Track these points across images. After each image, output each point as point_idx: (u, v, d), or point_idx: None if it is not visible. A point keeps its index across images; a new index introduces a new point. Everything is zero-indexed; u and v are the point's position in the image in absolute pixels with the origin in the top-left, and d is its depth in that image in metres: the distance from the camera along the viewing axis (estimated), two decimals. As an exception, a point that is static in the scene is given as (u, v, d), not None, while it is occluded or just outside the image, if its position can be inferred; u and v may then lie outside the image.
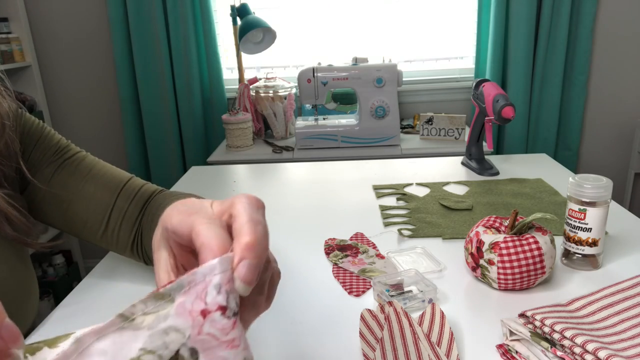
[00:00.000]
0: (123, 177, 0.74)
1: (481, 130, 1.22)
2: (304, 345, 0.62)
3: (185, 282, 0.28)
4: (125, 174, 0.75)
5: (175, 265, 0.36)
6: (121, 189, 0.72)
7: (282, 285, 0.74)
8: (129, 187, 0.73)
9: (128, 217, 0.71)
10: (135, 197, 0.72)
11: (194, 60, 2.21)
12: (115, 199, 0.71)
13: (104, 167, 0.73)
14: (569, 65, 2.17)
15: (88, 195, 0.70)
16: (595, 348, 0.48)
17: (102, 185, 0.71)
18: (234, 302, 0.29)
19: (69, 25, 2.31)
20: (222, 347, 0.28)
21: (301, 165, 1.36)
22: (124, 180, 0.73)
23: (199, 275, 0.28)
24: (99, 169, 0.72)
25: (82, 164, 0.71)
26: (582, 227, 0.73)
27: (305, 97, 1.84)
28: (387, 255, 0.83)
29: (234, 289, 0.29)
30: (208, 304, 0.28)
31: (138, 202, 0.72)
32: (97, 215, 0.70)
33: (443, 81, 2.34)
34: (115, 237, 0.71)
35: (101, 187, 0.71)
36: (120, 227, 0.71)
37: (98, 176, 0.71)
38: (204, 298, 0.28)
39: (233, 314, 0.28)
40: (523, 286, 0.69)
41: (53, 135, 0.72)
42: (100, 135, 2.46)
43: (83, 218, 0.70)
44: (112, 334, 0.27)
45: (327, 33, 2.32)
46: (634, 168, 2.22)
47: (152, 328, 0.27)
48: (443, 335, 0.59)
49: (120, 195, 0.71)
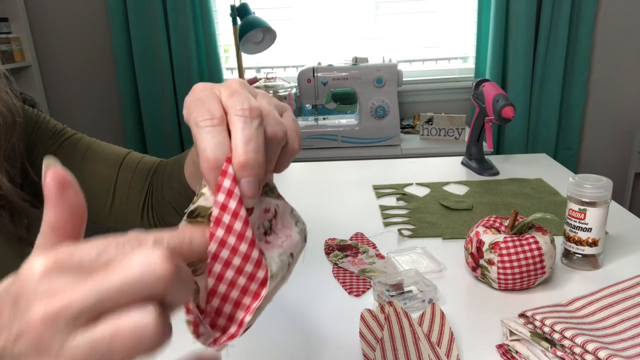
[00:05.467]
0: (121, 151, 0.74)
1: (481, 130, 1.22)
2: (304, 345, 0.62)
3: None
4: (123, 149, 0.75)
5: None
6: (122, 162, 0.72)
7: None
8: (129, 160, 0.72)
9: (134, 187, 0.71)
10: (138, 168, 0.72)
11: (194, 60, 2.21)
12: (117, 172, 0.71)
13: (100, 144, 0.73)
14: (569, 65, 2.16)
15: (89, 172, 0.70)
16: (595, 348, 0.48)
17: (102, 160, 0.71)
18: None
19: (69, 25, 2.31)
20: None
21: (301, 165, 1.36)
22: (123, 154, 0.73)
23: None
24: (96, 146, 0.72)
25: (79, 144, 0.71)
26: (582, 227, 0.73)
27: (305, 97, 1.84)
28: (387, 255, 0.82)
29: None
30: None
31: (141, 172, 0.72)
32: (102, 191, 0.70)
33: (443, 81, 2.34)
34: (123, 210, 0.71)
35: (101, 162, 0.71)
36: (127, 199, 0.71)
37: (96, 153, 0.71)
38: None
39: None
40: (523, 286, 0.69)
41: (48, 121, 0.72)
42: (100, 135, 2.44)
43: (88, 197, 0.69)
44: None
45: (327, 33, 2.32)
46: (634, 168, 2.22)
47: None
48: (443, 335, 0.59)
49: (121, 168, 0.71)
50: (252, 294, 0.30)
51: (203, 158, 0.30)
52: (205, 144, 0.30)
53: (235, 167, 0.30)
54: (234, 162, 0.30)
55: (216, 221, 0.29)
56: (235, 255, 0.29)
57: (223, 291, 0.30)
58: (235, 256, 0.29)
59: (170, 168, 0.68)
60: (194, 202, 0.31)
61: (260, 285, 0.30)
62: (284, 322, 0.66)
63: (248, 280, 0.29)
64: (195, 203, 0.30)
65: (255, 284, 0.30)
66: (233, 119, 0.31)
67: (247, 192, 0.30)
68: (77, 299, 0.22)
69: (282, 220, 0.35)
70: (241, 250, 0.29)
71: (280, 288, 0.34)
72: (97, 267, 0.24)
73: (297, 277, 0.77)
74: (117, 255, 0.24)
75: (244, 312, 0.30)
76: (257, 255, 0.29)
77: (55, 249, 0.24)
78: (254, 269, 0.29)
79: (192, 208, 0.30)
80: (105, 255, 0.24)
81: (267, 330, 0.65)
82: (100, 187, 0.70)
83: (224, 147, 0.30)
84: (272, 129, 0.32)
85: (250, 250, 0.29)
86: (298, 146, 0.35)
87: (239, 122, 0.31)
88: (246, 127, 0.30)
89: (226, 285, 0.29)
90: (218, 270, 0.29)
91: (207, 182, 0.31)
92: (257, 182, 0.30)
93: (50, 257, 0.24)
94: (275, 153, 0.33)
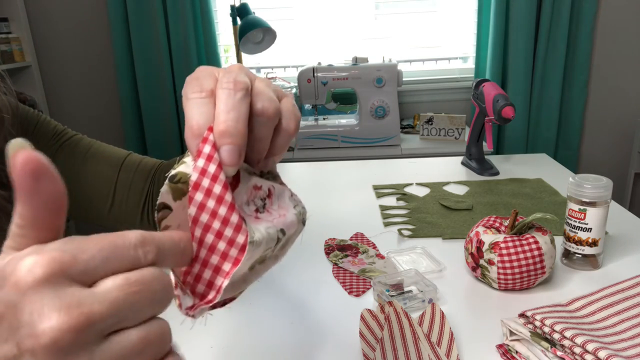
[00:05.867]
0: (122, 152, 0.74)
1: (481, 130, 1.22)
2: (304, 345, 0.62)
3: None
4: (123, 150, 0.75)
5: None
6: (122, 163, 0.72)
7: (282, 285, 0.75)
8: (129, 161, 0.73)
9: (134, 188, 0.71)
10: (138, 169, 0.73)
11: (194, 60, 2.20)
12: (118, 172, 0.71)
13: (101, 145, 0.74)
14: (569, 65, 2.16)
15: (90, 173, 0.70)
16: (595, 348, 0.48)
17: (102, 161, 0.71)
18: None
19: (69, 25, 2.31)
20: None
21: (301, 165, 1.36)
22: (124, 155, 0.74)
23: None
24: (97, 147, 0.73)
25: (79, 145, 0.72)
26: (582, 227, 0.73)
27: (305, 97, 1.84)
28: (387, 255, 0.83)
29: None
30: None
31: (142, 173, 0.72)
32: (102, 192, 0.70)
33: (443, 81, 2.34)
34: (123, 210, 0.71)
35: (102, 163, 0.71)
36: (127, 199, 0.71)
37: (97, 153, 0.72)
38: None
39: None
40: (523, 286, 0.69)
41: (49, 122, 0.72)
42: (100, 135, 2.46)
43: (88, 197, 0.70)
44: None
45: (327, 33, 2.32)
46: (634, 168, 2.22)
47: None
48: (443, 335, 0.59)
49: (122, 169, 0.72)
50: (232, 260, 0.30)
51: (187, 127, 0.31)
52: (189, 113, 0.31)
53: (215, 134, 0.30)
54: (215, 129, 0.30)
55: (195, 185, 0.29)
56: (214, 219, 0.29)
57: (203, 256, 0.30)
58: (215, 220, 0.29)
59: (171, 169, 0.68)
60: (174, 168, 0.31)
61: (240, 250, 0.29)
62: (284, 321, 0.66)
63: (228, 245, 0.29)
64: (176, 169, 0.31)
65: (235, 249, 0.29)
66: (218, 92, 0.32)
67: (226, 159, 0.30)
68: (98, 310, 0.22)
69: (279, 201, 0.36)
70: (220, 213, 0.29)
71: (280, 288, 0.34)
72: (104, 275, 0.23)
73: (298, 276, 0.77)
74: (122, 266, 0.24)
75: (223, 278, 0.30)
76: (237, 219, 0.29)
77: (50, 249, 0.23)
78: (233, 233, 0.29)
79: (173, 173, 0.31)
80: (111, 264, 0.24)
81: (267, 329, 0.65)
82: (100, 188, 0.70)
83: (207, 117, 0.31)
84: (263, 104, 0.32)
85: (229, 214, 0.29)
86: (294, 127, 0.35)
87: (222, 94, 0.31)
88: (229, 98, 0.31)
89: (206, 250, 0.30)
90: (199, 234, 0.29)
91: (190, 149, 0.31)
92: (236, 150, 0.30)
93: (51, 259, 0.22)
94: (266, 130, 0.33)
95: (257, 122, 0.32)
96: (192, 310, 0.29)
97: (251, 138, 0.32)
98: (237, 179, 0.32)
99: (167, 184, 0.31)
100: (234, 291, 0.33)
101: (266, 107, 0.32)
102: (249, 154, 0.33)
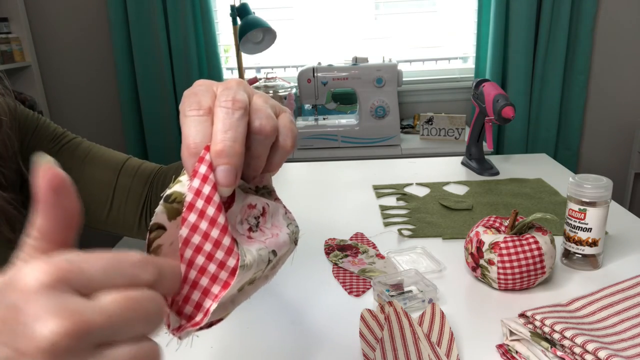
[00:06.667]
0: (121, 157, 0.74)
1: (481, 130, 1.22)
2: (304, 345, 0.62)
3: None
4: (123, 154, 0.74)
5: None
6: (121, 168, 0.72)
7: (282, 285, 0.75)
8: (128, 166, 0.72)
9: (133, 193, 0.71)
10: (137, 174, 0.72)
11: (194, 60, 2.20)
12: (117, 177, 0.71)
13: (100, 149, 0.73)
14: (569, 65, 2.16)
15: (89, 177, 0.70)
16: (595, 348, 0.48)
17: (101, 165, 0.71)
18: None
19: (69, 25, 2.31)
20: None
21: (301, 165, 1.36)
22: (123, 159, 0.73)
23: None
24: (96, 151, 0.72)
25: (79, 148, 0.71)
26: (582, 227, 0.73)
27: (305, 97, 1.84)
28: (387, 255, 0.82)
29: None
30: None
31: (140, 178, 0.72)
32: (101, 196, 0.70)
33: (443, 81, 2.34)
34: (121, 215, 0.71)
35: (101, 167, 0.71)
36: (126, 204, 0.70)
37: (96, 157, 0.71)
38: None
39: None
40: (523, 286, 0.69)
41: (49, 124, 0.71)
42: (100, 135, 2.46)
43: (86, 201, 0.70)
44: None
45: (327, 33, 2.32)
46: (634, 168, 2.22)
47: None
48: (443, 335, 0.59)
49: (121, 173, 0.71)
50: (222, 283, 0.29)
51: (184, 145, 0.31)
52: (187, 131, 0.31)
53: (212, 154, 0.30)
54: (212, 149, 0.30)
55: (189, 206, 0.29)
56: (206, 241, 0.29)
57: (193, 277, 0.29)
58: (207, 242, 0.29)
59: (171, 174, 0.68)
60: (169, 187, 0.31)
61: (230, 274, 0.29)
62: (284, 321, 0.66)
63: (218, 267, 0.29)
64: (171, 188, 0.31)
65: (226, 273, 0.29)
66: (216, 110, 0.32)
67: (222, 180, 0.30)
68: (96, 320, 0.22)
69: (273, 220, 0.35)
70: (212, 235, 0.29)
71: (280, 288, 0.34)
72: (104, 288, 0.24)
73: (298, 277, 0.77)
74: (122, 282, 0.24)
75: (211, 300, 0.29)
76: (229, 242, 0.29)
77: (57, 259, 0.23)
78: (224, 256, 0.29)
79: (168, 192, 0.30)
80: (113, 279, 0.24)
81: (267, 330, 0.65)
82: (99, 192, 0.70)
83: (204, 135, 0.31)
84: (260, 122, 0.32)
85: (221, 237, 0.29)
86: (291, 144, 0.35)
87: (220, 112, 0.31)
88: (227, 117, 0.31)
89: (196, 271, 0.29)
90: (189, 256, 0.29)
91: (186, 168, 0.31)
92: (232, 171, 0.30)
93: (57, 268, 0.23)
94: (263, 147, 0.33)
95: (254, 139, 0.32)
96: (178, 331, 0.29)
97: (248, 155, 0.32)
98: (232, 197, 0.32)
99: (162, 204, 0.30)
100: (221, 313, 0.32)
101: (264, 125, 0.32)
102: (245, 171, 0.33)
